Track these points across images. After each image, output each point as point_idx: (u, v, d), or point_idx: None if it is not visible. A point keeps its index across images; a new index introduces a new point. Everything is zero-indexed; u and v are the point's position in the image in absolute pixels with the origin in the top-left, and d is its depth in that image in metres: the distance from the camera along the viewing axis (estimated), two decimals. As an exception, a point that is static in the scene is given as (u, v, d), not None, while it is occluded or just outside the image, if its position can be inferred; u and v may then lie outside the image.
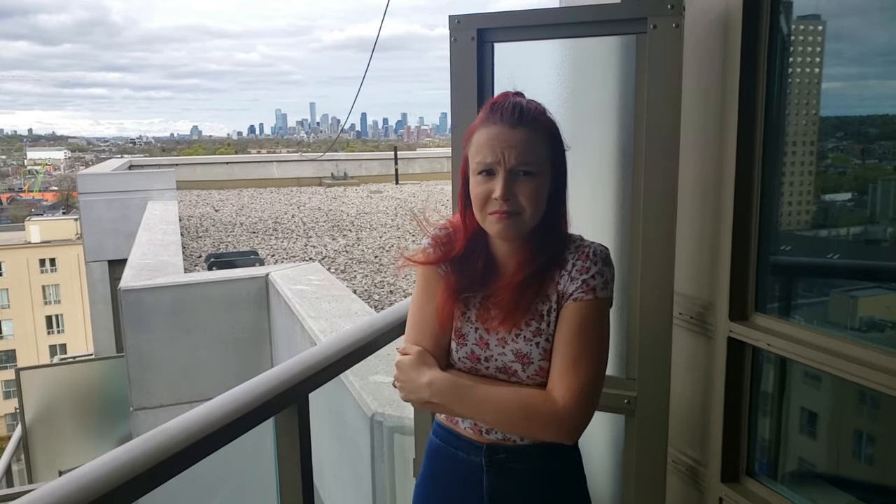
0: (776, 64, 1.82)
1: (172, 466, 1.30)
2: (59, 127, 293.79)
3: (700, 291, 2.06)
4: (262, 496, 2.10)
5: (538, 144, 1.36)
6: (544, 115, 1.40)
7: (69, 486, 1.14)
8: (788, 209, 1.97)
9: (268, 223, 11.13)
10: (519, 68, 2.13)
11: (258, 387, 1.53)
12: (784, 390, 1.98)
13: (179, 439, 1.33)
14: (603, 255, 1.37)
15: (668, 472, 2.04)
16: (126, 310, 5.12)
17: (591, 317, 1.33)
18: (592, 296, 1.33)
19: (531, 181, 1.34)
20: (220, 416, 1.41)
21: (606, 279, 1.35)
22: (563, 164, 1.42)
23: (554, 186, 1.40)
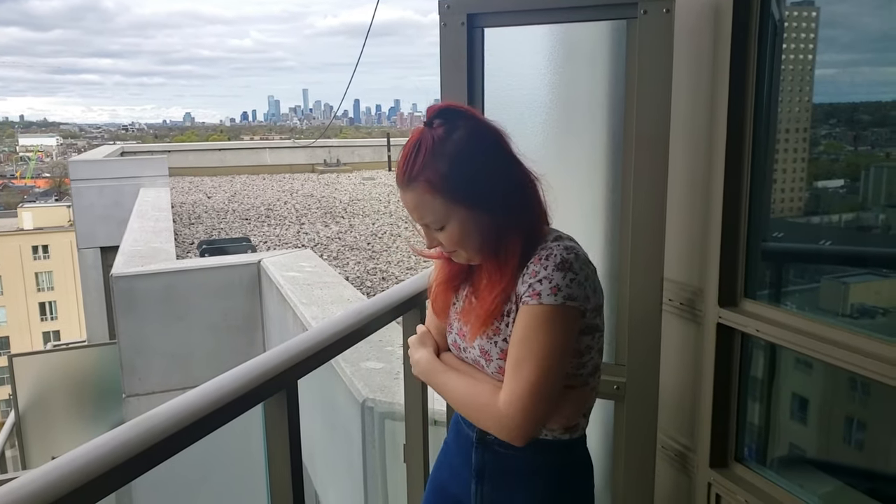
0: (767, 50, 1.81)
1: (160, 452, 1.29)
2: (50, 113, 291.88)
3: (689, 278, 2.06)
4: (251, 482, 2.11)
5: (428, 202, 1.34)
6: (430, 166, 1.33)
7: (58, 470, 1.13)
8: (781, 196, 1.97)
9: (260, 210, 11.09)
10: (509, 53, 2.11)
11: (246, 373, 1.52)
12: (773, 376, 1.99)
13: (167, 425, 1.32)
14: (557, 261, 1.30)
15: (657, 457, 2.05)
16: (118, 296, 5.11)
17: (534, 322, 1.29)
18: (537, 301, 1.29)
19: (443, 231, 1.37)
20: (208, 402, 1.40)
21: (557, 285, 1.28)
22: (475, 196, 1.34)
23: (480, 216, 1.35)
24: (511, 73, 2.13)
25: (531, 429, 1.30)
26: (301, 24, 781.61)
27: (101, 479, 1.15)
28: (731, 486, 1.93)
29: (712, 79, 1.90)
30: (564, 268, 1.30)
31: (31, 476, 1.12)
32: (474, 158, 1.35)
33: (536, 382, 1.28)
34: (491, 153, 1.38)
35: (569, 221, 2.15)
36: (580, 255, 1.34)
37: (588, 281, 1.33)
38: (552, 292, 1.28)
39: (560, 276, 1.29)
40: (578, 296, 1.30)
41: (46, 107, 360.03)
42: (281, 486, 1.67)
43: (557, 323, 1.29)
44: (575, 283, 1.30)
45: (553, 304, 1.28)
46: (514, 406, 1.28)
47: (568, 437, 1.43)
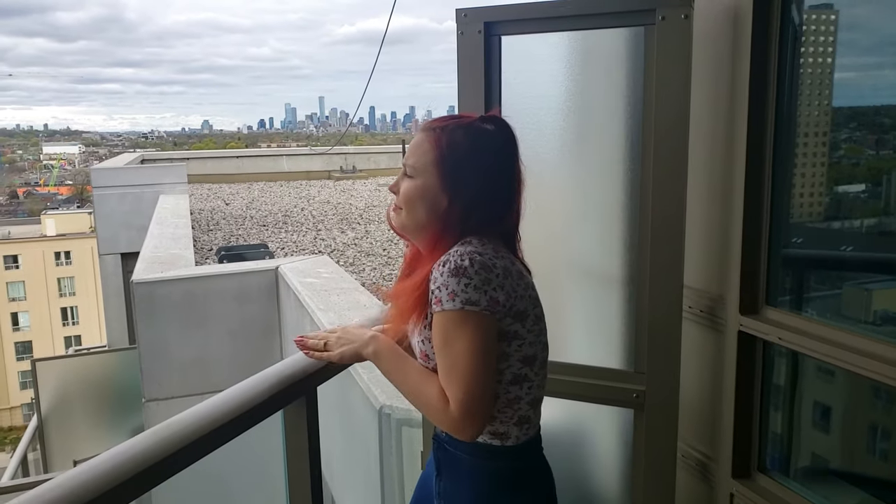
0: (787, 54, 1.80)
1: (182, 458, 1.31)
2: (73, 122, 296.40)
3: (710, 285, 2.04)
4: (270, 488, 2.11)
5: (425, 150, 1.44)
6: (448, 131, 1.44)
7: (83, 476, 1.14)
8: (800, 201, 1.95)
9: (278, 216, 11.17)
10: (526, 61, 2.12)
11: (267, 379, 1.53)
12: (796, 385, 1.96)
13: (189, 431, 1.33)
14: (451, 267, 1.33)
15: (677, 466, 2.03)
16: (138, 302, 5.16)
17: (443, 329, 1.35)
18: (440, 308, 1.34)
19: (409, 182, 1.45)
20: (230, 408, 1.41)
21: (453, 291, 1.32)
22: (455, 177, 1.42)
23: (444, 195, 1.42)
24: (528, 80, 2.13)
25: (477, 428, 1.37)
26: (318, 33, 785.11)
27: (127, 483, 1.17)
28: (755, 496, 1.90)
29: (731, 84, 1.88)
30: (458, 273, 1.32)
31: (58, 482, 1.13)
32: (483, 160, 1.44)
33: (465, 385, 1.33)
34: (497, 171, 1.46)
35: (586, 228, 2.15)
36: (477, 261, 1.34)
37: (488, 285, 1.34)
38: (450, 298, 1.33)
39: (454, 281, 1.32)
40: (478, 300, 1.33)
41: (70, 116, 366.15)
42: (300, 492, 1.67)
43: (463, 327, 1.33)
44: (471, 288, 1.32)
45: (453, 310, 1.33)
46: (455, 409, 1.34)
47: (499, 444, 1.44)
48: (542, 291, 2.21)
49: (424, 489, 1.66)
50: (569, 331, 2.25)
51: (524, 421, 1.45)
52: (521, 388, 1.43)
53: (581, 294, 2.20)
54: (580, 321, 2.22)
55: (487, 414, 1.38)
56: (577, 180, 2.14)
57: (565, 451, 2.30)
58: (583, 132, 2.08)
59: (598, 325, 2.16)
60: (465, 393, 1.33)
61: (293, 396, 1.59)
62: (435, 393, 1.37)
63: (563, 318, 2.27)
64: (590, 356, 2.08)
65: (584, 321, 2.21)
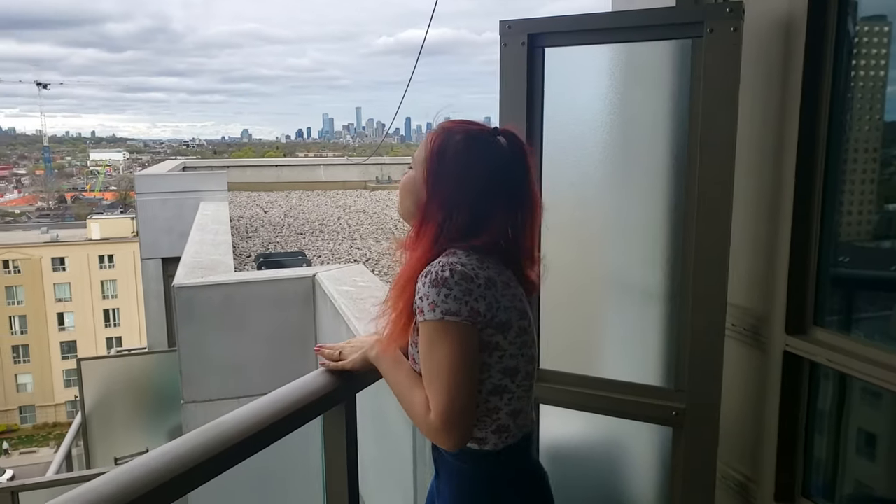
0: (842, 68, 1.76)
1: (228, 459, 1.33)
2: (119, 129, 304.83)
3: (754, 303, 2.00)
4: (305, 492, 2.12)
5: (422, 146, 1.49)
6: (450, 131, 1.46)
7: (135, 472, 1.18)
8: (848, 219, 1.90)
9: (314, 225, 11.30)
10: (569, 73, 2.11)
11: (308, 385, 1.55)
12: (843, 408, 1.91)
13: (235, 433, 1.36)
14: (433, 277, 1.34)
15: (716, 487, 1.99)
16: (179, 306, 5.26)
17: (426, 338, 1.36)
18: (423, 318, 1.36)
19: (408, 173, 1.52)
20: (272, 412, 1.44)
21: (434, 301, 1.33)
22: (435, 175, 1.44)
23: (423, 192, 1.46)
24: (571, 93, 2.12)
25: (459, 436, 1.37)
26: (357, 44, 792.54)
27: (175, 481, 1.20)
28: (797, 520, 1.86)
29: (781, 99, 1.85)
30: (438, 284, 1.34)
31: (110, 477, 1.16)
32: (470, 168, 1.43)
33: (447, 395, 1.34)
34: (485, 181, 1.43)
35: (628, 243, 2.13)
36: (458, 272, 1.35)
37: (469, 296, 1.35)
38: (430, 308, 1.34)
39: (434, 292, 1.34)
40: (458, 311, 1.33)
41: (116, 123, 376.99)
42: (338, 497, 1.69)
43: (444, 338, 1.34)
44: (451, 299, 1.33)
45: (434, 320, 1.34)
46: (436, 418, 1.35)
47: (477, 448, 1.45)
48: (582, 305, 2.20)
49: (431, 489, 1.69)
50: (608, 346, 2.23)
51: (503, 430, 1.45)
52: (501, 398, 1.43)
53: (621, 309, 2.18)
54: (620, 337, 2.19)
55: (468, 424, 1.38)
56: (619, 194, 2.13)
57: (601, 467, 2.27)
58: (626, 146, 2.06)
59: (638, 341, 2.13)
60: (445, 402, 1.34)
61: (333, 402, 1.61)
62: (419, 400, 1.39)
63: (602, 332, 2.25)
64: (629, 372, 2.06)
65: (624, 337, 2.18)
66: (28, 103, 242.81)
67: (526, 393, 1.47)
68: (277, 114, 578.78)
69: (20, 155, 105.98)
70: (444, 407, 1.34)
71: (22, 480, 5.65)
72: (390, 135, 39.62)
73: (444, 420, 1.34)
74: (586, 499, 2.25)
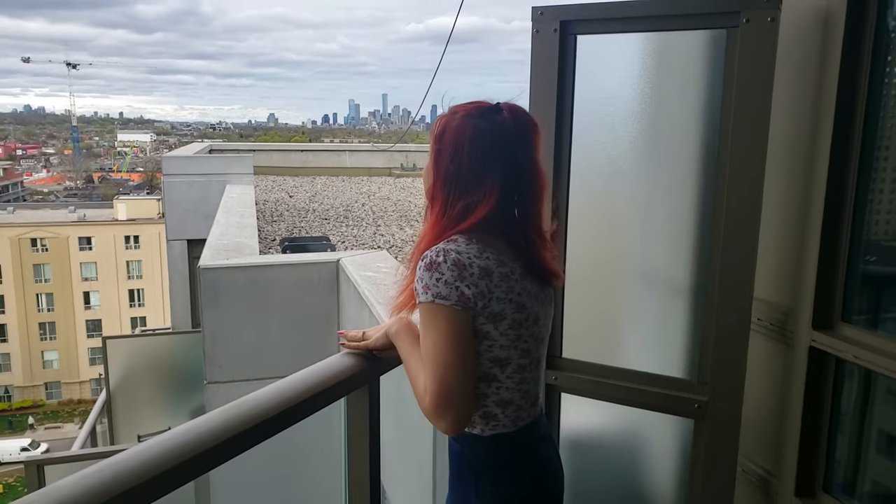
0: (880, 61, 1.73)
1: (248, 439, 1.35)
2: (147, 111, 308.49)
3: (781, 297, 1.99)
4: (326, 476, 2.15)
5: (438, 131, 1.49)
6: (454, 112, 1.48)
7: (153, 450, 1.20)
8: (880, 217, 1.87)
9: (339, 210, 11.36)
10: (601, 61, 2.10)
11: (333, 366, 1.57)
12: (869, 405, 1.89)
13: (256, 413, 1.38)
14: (427, 261, 1.38)
15: (737, 480, 1.98)
16: (204, 287, 5.32)
17: (422, 320, 1.40)
18: (418, 300, 1.39)
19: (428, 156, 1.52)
20: (298, 391, 1.46)
21: (427, 284, 1.36)
22: (438, 156, 1.48)
23: (429, 173, 1.51)
24: (602, 81, 2.11)
25: (449, 418, 1.38)
26: (385, 30, 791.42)
27: (201, 456, 1.22)
28: (818, 516, 1.85)
29: (817, 92, 1.82)
30: (431, 268, 1.37)
31: (129, 454, 1.18)
32: (462, 144, 1.44)
33: (437, 377, 1.36)
34: (479, 156, 1.43)
35: (654, 233, 2.11)
36: (451, 258, 1.37)
37: (460, 282, 1.36)
38: (424, 291, 1.37)
39: (428, 275, 1.37)
40: (448, 295, 1.35)
41: (143, 105, 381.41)
42: (359, 478, 1.71)
43: (434, 320, 1.37)
44: (441, 283, 1.36)
45: (426, 302, 1.37)
46: (429, 400, 1.38)
47: (468, 431, 1.48)
48: (607, 295, 2.19)
49: None
50: (632, 337, 2.22)
51: (490, 417, 1.46)
52: (489, 386, 1.45)
53: (646, 300, 2.17)
54: (644, 327, 2.19)
55: (460, 406, 1.38)
56: (647, 185, 2.11)
57: (621, 457, 2.28)
58: (656, 137, 2.05)
59: (662, 332, 2.12)
60: (436, 384, 1.36)
61: (358, 384, 1.63)
62: (420, 382, 1.42)
63: (626, 323, 2.24)
64: (651, 363, 2.06)
65: (648, 328, 2.18)
66: (57, 83, 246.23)
67: (518, 386, 1.46)
68: (304, 99, 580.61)
69: (49, 134, 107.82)
70: (434, 388, 1.36)
71: (48, 454, 5.80)
72: (416, 122, 39.55)
73: (436, 401, 1.36)
74: (606, 488, 2.26)
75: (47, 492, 1.04)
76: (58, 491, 1.04)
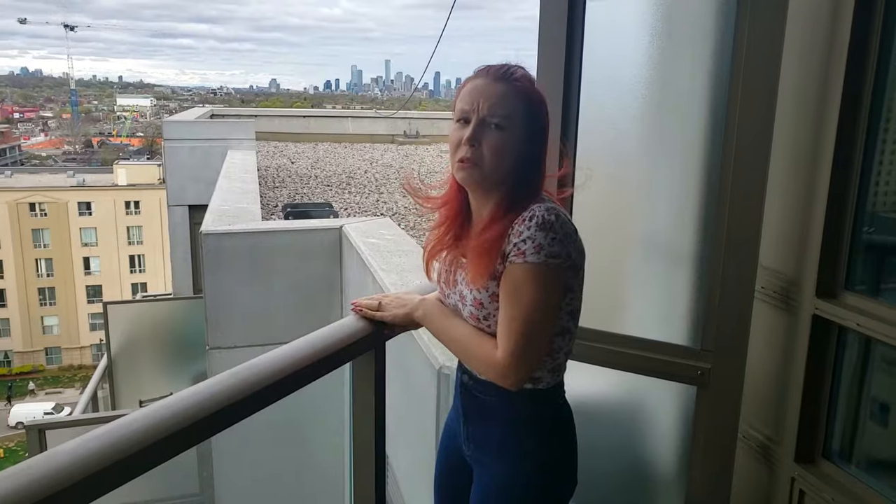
0: (892, 22, 1.70)
1: (253, 403, 1.35)
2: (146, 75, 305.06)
3: (786, 266, 1.98)
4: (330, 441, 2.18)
5: (514, 102, 1.43)
6: (530, 81, 1.47)
7: (156, 414, 1.19)
8: (888, 187, 1.86)
9: (342, 177, 11.31)
10: (610, 27, 2.07)
11: (340, 330, 1.58)
12: (871, 374, 1.90)
13: (262, 377, 1.38)
14: (539, 221, 1.37)
15: (737, 447, 2.00)
16: (206, 253, 5.33)
17: (520, 280, 1.38)
18: (522, 259, 1.38)
19: (499, 134, 1.42)
20: (304, 355, 1.47)
21: (540, 244, 1.37)
22: (538, 132, 1.47)
23: (526, 150, 1.45)
24: (610, 47, 2.08)
25: (523, 377, 1.43)
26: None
27: (207, 419, 1.23)
28: (817, 482, 1.87)
29: (827, 55, 1.80)
30: (546, 228, 1.37)
31: (132, 418, 1.18)
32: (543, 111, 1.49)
33: (526, 336, 1.39)
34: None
35: (660, 200, 2.11)
36: (560, 216, 1.41)
37: (569, 239, 1.41)
38: (535, 251, 1.37)
39: (542, 235, 1.37)
40: (560, 253, 1.38)
41: (143, 69, 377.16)
42: (364, 442, 1.73)
43: (541, 280, 1.38)
44: (556, 242, 1.38)
45: (536, 263, 1.37)
46: (507, 359, 1.39)
47: (531, 387, 1.50)
48: (611, 262, 2.19)
49: (448, 433, 1.74)
50: (635, 303, 2.23)
51: (558, 369, 1.53)
52: (564, 339, 1.51)
53: (650, 267, 2.18)
54: (647, 294, 2.19)
55: (535, 364, 1.44)
56: (654, 151, 2.10)
57: (623, 424, 2.30)
58: (664, 102, 2.03)
59: (666, 299, 2.13)
60: (521, 342, 1.39)
61: (363, 349, 1.64)
62: (485, 343, 1.45)
63: (629, 289, 2.25)
64: (655, 330, 2.06)
65: (652, 294, 2.18)
66: (56, 45, 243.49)
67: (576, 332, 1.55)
68: (306, 64, 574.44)
69: (46, 98, 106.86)
70: (519, 346, 1.39)
71: (49, 419, 5.86)
72: (419, 89, 39.13)
73: (517, 359, 1.39)
74: (608, 454, 2.29)
75: (48, 456, 1.04)
76: (58, 455, 1.03)
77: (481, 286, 1.45)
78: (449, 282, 1.57)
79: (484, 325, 1.47)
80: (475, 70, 1.50)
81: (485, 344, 1.45)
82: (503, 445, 1.54)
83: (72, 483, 1.00)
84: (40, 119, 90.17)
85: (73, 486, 1.00)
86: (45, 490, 0.97)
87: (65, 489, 0.99)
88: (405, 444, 3.26)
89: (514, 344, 1.39)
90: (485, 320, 1.47)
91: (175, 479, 5.45)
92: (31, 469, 1.00)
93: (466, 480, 1.64)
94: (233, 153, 10.61)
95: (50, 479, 0.99)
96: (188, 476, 5.39)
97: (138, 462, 1.11)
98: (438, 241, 1.60)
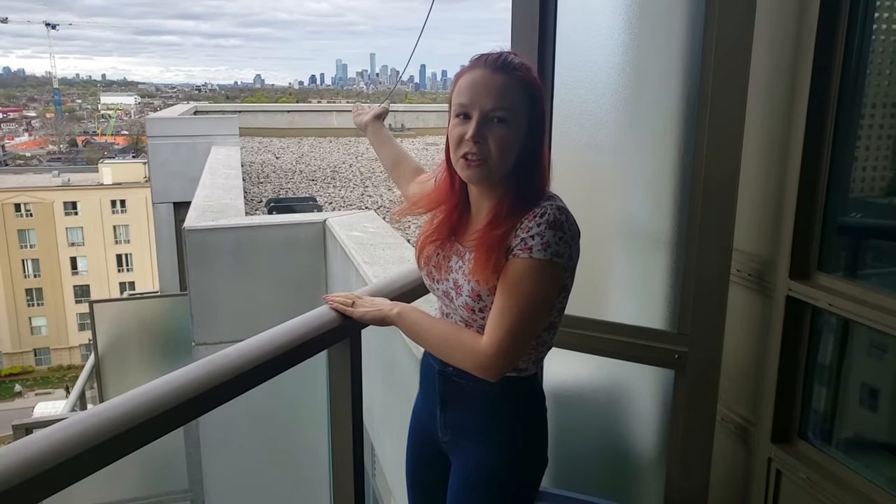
0: (859, 12, 1.71)
1: (230, 390, 1.36)
2: (131, 73, 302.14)
3: (759, 248, 2.00)
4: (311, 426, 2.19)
5: (516, 93, 1.40)
6: (529, 71, 1.44)
7: (140, 398, 1.21)
8: (862, 174, 1.87)
9: (326, 172, 11.28)
10: (582, 13, 2.07)
11: (314, 319, 1.58)
12: (844, 353, 1.92)
13: (238, 364, 1.39)
14: (550, 219, 1.38)
15: (716, 429, 2.02)
16: (190, 249, 5.31)
17: (522, 274, 1.38)
18: (528, 255, 1.37)
19: (503, 128, 1.39)
20: (278, 344, 1.47)
21: (547, 242, 1.37)
22: (540, 122, 1.46)
23: (529, 142, 1.44)
24: (583, 33, 2.08)
25: (504, 369, 1.43)
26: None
27: (181, 406, 1.23)
28: (793, 462, 1.89)
29: (796, 40, 1.81)
30: (556, 227, 1.38)
31: (115, 402, 1.20)
32: (543, 97, 1.47)
33: (516, 330, 1.38)
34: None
35: (635, 185, 2.11)
36: (570, 217, 1.42)
37: (574, 241, 1.42)
38: (542, 248, 1.37)
39: (551, 233, 1.37)
40: (564, 254, 1.39)
41: (128, 67, 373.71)
42: (342, 430, 1.73)
43: (542, 276, 1.38)
44: (563, 242, 1.39)
45: (542, 259, 1.37)
46: (493, 349, 1.39)
47: (515, 375, 1.53)
48: (588, 248, 2.20)
49: (417, 420, 1.75)
50: (612, 289, 2.24)
51: (540, 359, 1.57)
52: (549, 333, 1.54)
53: (626, 253, 2.18)
54: (624, 280, 2.20)
55: (516, 360, 1.46)
56: (628, 136, 2.10)
57: (602, 409, 2.31)
58: (637, 87, 2.03)
59: (642, 284, 2.14)
60: (509, 335, 1.39)
61: (338, 337, 1.64)
62: (468, 337, 1.45)
63: (606, 276, 2.26)
64: (632, 315, 2.08)
65: (628, 280, 2.19)
66: (39, 44, 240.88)
67: None
68: (292, 59, 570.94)
69: (29, 97, 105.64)
70: (506, 338, 1.38)
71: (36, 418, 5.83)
72: (404, 82, 38.97)
73: (502, 351, 1.39)
74: (587, 440, 2.30)
75: (27, 441, 1.04)
76: (31, 443, 1.04)
77: (482, 279, 1.43)
78: (441, 268, 1.55)
79: (478, 317, 1.47)
80: (471, 60, 1.46)
81: (466, 335, 1.45)
82: (484, 429, 1.56)
83: (43, 470, 1.01)
84: (24, 119, 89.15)
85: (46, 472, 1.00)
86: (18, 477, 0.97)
87: (38, 475, 1.00)
88: (390, 434, 3.27)
89: (504, 334, 1.39)
90: (479, 312, 1.47)
91: (164, 474, 5.45)
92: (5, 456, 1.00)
93: (442, 475, 1.65)
94: (217, 149, 10.55)
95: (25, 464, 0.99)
96: (177, 472, 5.38)
97: (121, 444, 1.13)
98: (435, 231, 1.58)
